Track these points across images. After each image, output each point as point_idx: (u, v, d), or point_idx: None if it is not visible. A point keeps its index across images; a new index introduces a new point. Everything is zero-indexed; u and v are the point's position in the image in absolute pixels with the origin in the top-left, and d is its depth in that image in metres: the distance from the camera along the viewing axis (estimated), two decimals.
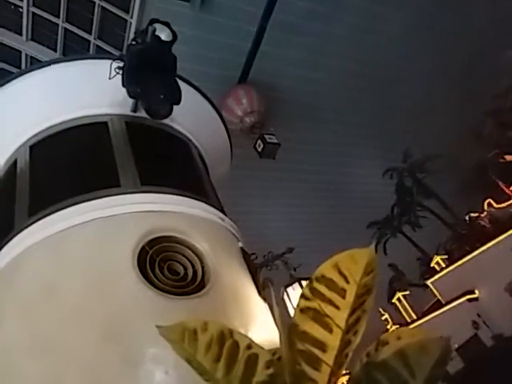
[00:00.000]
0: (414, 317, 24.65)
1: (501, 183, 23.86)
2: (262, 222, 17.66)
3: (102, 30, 11.90)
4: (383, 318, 26.70)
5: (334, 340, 1.12)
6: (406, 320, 25.14)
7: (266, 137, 12.17)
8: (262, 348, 1.20)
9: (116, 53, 11.88)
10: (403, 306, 25.86)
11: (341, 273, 1.12)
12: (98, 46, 12.24)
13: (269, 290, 3.61)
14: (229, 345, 1.19)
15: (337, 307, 1.12)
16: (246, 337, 1.24)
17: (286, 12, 12.33)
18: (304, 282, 4.85)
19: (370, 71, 15.59)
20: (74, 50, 12.13)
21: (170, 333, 1.30)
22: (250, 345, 1.18)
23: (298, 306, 1.16)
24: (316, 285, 1.13)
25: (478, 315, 20.79)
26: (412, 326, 23.91)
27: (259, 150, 12.24)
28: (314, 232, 20.36)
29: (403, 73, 16.41)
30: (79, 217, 3.07)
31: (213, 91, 6.57)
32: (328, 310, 1.11)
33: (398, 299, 26.06)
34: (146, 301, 2.70)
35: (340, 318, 1.12)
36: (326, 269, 1.14)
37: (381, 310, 26.64)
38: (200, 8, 11.68)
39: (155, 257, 2.90)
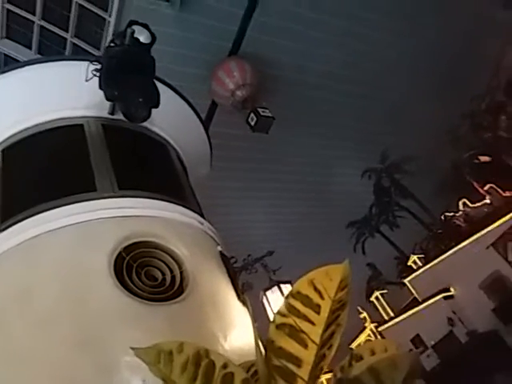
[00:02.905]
0: (392, 314, 25.07)
1: (475, 183, 24.49)
2: (241, 224, 17.67)
3: (80, 29, 11.67)
4: (361, 316, 27.07)
5: (309, 355, 1.15)
6: (383, 318, 25.55)
7: (260, 110, 11.38)
8: (237, 367, 1.21)
9: (93, 52, 11.68)
10: (381, 304, 26.28)
11: (316, 289, 1.15)
12: (74, 44, 12.00)
13: (248, 294, 3.61)
14: (205, 364, 1.19)
15: (312, 323, 1.15)
16: (223, 356, 1.25)
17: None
18: (283, 286, 4.88)
19: (351, 74, 15.79)
20: (50, 48, 11.87)
21: (146, 354, 1.29)
22: (226, 364, 1.19)
23: (273, 322, 1.19)
24: (292, 301, 1.16)
25: (454, 312, 21.29)
26: (389, 323, 24.33)
27: (252, 123, 11.45)
28: (293, 234, 20.49)
29: (382, 76, 16.66)
30: (54, 222, 3.01)
31: (192, 91, 6.54)
32: (303, 325, 1.13)
33: (376, 297, 26.47)
34: (123, 307, 2.66)
35: (315, 333, 1.15)
36: (301, 285, 1.16)
37: (359, 308, 27.00)
38: (180, 8, 11.59)
39: (132, 262, 2.86)
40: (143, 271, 2.88)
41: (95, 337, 2.51)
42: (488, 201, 22.68)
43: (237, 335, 2.87)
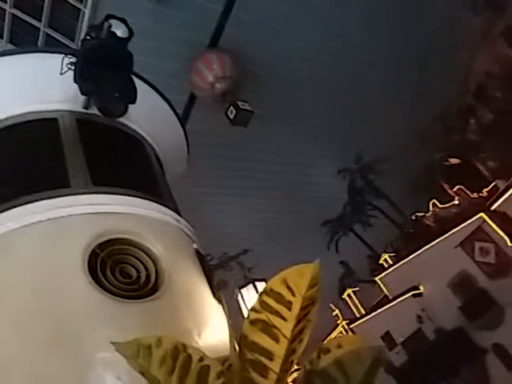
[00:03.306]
0: (363, 312, 25.55)
1: (445, 185, 25.23)
2: (217, 221, 17.61)
3: (53, 19, 11.35)
4: (334, 313, 27.51)
5: (280, 349, 1.22)
6: (355, 315, 26.02)
7: (239, 103, 11.30)
8: (213, 360, 1.26)
9: (67, 43, 11.39)
10: (353, 301, 26.76)
11: (288, 287, 1.21)
12: (48, 34, 11.67)
13: (223, 291, 3.63)
14: (182, 358, 1.24)
15: (284, 319, 1.21)
16: (199, 350, 1.30)
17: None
18: (258, 284, 4.92)
19: (328, 73, 15.97)
20: (23, 37, 11.50)
21: (125, 349, 1.32)
22: (202, 357, 1.25)
23: (247, 318, 1.24)
24: (265, 298, 1.22)
25: (422, 310, 21.87)
26: (360, 321, 24.81)
27: (231, 117, 11.35)
28: (269, 232, 20.59)
29: (358, 77, 16.94)
30: (26, 218, 2.94)
31: (168, 86, 6.48)
32: (276, 321, 1.20)
33: (348, 295, 26.93)
34: (97, 305, 2.64)
35: (286, 328, 1.22)
36: (274, 283, 1.23)
37: (332, 305, 27.41)
38: (158, 1, 11.44)
39: (107, 259, 2.83)
40: (118, 268, 2.86)
41: (69, 335, 2.48)
42: (457, 202, 23.42)
43: (212, 332, 2.88)
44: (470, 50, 22.89)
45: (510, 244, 18.85)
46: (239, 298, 4.95)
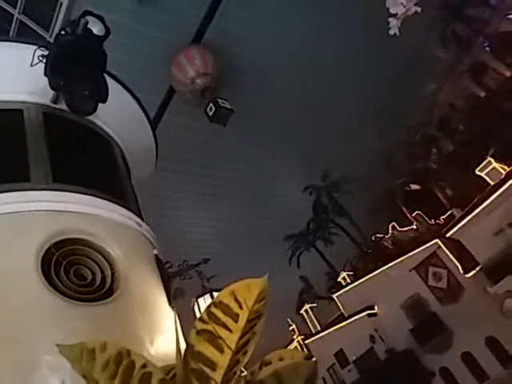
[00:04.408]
0: (319, 328, 25.78)
1: (404, 209, 26.09)
2: (179, 228, 17.45)
3: (29, 6, 11.04)
4: (290, 328, 27.61)
5: (223, 360, 1.24)
6: (310, 331, 26.20)
7: (219, 101, 11.25)
8: (156, 367, 1.28)
9: (41, 32, 11.09)
10: (310, 317, 26.96)
11: (236, 299, 1.26)
12: (21, 21, 11.33)
13: (180, 300, 3.60)
14: (125, 364, 1.25)
15: (230, 330, 1.25)
16: (143, 357, 1.31)
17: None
18: (216, 294, 4.88)
19: (301, 89, 16.30)
20: None
21: (69, 351, 1.31)
22: (146, 364, 1.27)
23: (195, 328, 1.27)
24: (213, 309, 1.26)
25: (375, 330, 22.29)
26: (315, 337, 25.01)
27: (210, 114, 11.28)
28: (231, 242, 20.58)
29: (330, 98, 17.39)
30: None
31: (142, 87, 6.43)
32: (221, 332, 1.24)
33: (306, 310, 27.12)
34: (47, 305, 2.56)
35: (231, 340, 1.25)
36: (223, 295, 1.27)
37: (289, 320, 27.52)
38: (139, 1, 11.38)
39: (61, 259, 2.75)
40: (72, 269, 2.78)
41: (17, 334, 2.39)
42: (415, 226, 24.24)
43: (163, 341, 2.85)
44: (436, 83, 24.04)
45: (461, 271, 19.61)
46: (195, 307, 4.90)
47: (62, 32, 3.16)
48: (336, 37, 15.34)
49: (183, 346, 1.34)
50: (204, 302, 4.74)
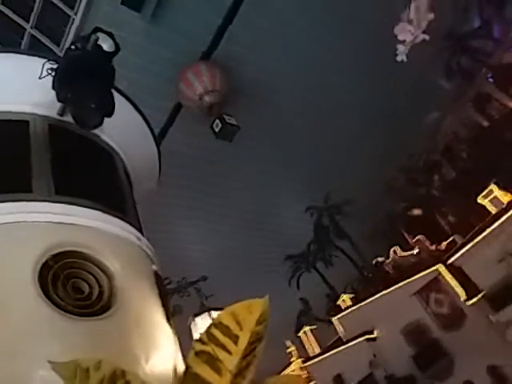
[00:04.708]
0: (318, 351, 25.35)
1: (406, 234, 25.94)
2: (180, 244, 17.37)
3: (42, 21, 11.28)
4: (288, 350, 27.13)
5: (222, 383, 1.16)
6: (308, 354, 25.76)
7: (226, 117, 11.30)
8: None
9: (52, 47, 11.29)
10: (308, 339, 26.54)
11: (237, 321, 1.20)
12: (33, 35, 11.55)
13: (177, 317, 3.54)
14: None
15: (229, 352, 1.20)
16: (139, 377, 1.25)
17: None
18: (214, 313, 4.78)
19: (308, 110, 16.45)
20: (6, 35, 11.33)
21: (62, 369, 1.26)
22: None
23: (193, 349, 1.22)
24: (213, 330, 1.21)
25: (374, 355, 21.90)
26: (313, 360, 24.56)
27: (216, 130, 11.31)
28: (231, 261, 20.44)
29: (334, 123, 17.54)
30: None
31: (148, 104, 6.49)
32: (221, 354, 1.19)
33: (305, 333, 26.71)
34: (44, 319, 2.51)
35: (231, 362, 1.21)
36: (223, 316, 1.22)
37: (288, 342, 27.06)
38: (150, 20, 11.59)
39: (59, 272, 2.72)
40: (70, 283, 2.75)
41: (11, 348, 2.34)
42: (416, 251, 24.05)
43: (160, 359, 2.78)
44: (440, 111, 24.27)
45: (463, 298, 19.36)
46: (193, 325, 4.82)
47: (72, 47, 3.21)
48: (341, 61, 15.56)
49: (181, 366, 1.29)
50: (201, 320, 4.66)
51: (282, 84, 15.05)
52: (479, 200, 19.96)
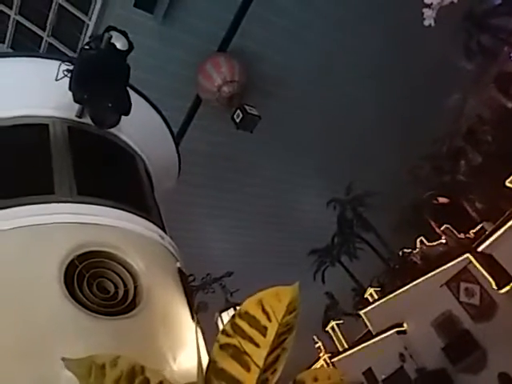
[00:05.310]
0: (346, 346, 25.12)
1: (433, 223, 25.36)
2: (203, 242, 17.44)
3: (57, 28, 11.45)
4: (316, 345, 26.98)
5: (250, 379, 1.10)
6: (337, 349, 25.55)
7: (247, 107, 11.18)
8: None
9: (69, 53, 11.47)
10: (336, 334, 26.30)
11: (264, 310, 1.11)
12: (50, 43, 11.75)
13: (203, 314, 3.52)
14: (139, 381, 1.11)
15: (257, 345, 1.10)
16: (160, 373, 1.17)
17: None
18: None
19: (327, 103, 16.24)
20: (24, 44, 11.57)
21: (76, 366, 1.20)
22: (162, 382, 1.12)
23: (218, 341, 1.13)
24: (238, 321, 1.11)
25: (405, 348, 21.54)
26: (343, 355, 24.35)
27: (237, 120, 11.20)
28: (255, 256, 20.43)
29: (355, 113, 17.26)
30: (6, 222, 2.84)
31: (165, 104, 6.49)
32: (248, 347, 1.09)
33: (332, 328, 26.47)
34: (69, 319, 2.52)
35: (259, 356, 1.10)
36: (249, 305, 1.12)
37: (315, 337, 26.91)
38: (162, 21, 11.64)
39: (85, 272, 2.73)
40: (95, 282, 2.76)
41: (38, 348, 2.35)
42: (444, 241, 23.49)
43: (186, 356, 2.76)
44: (462, 94, 23.57)
45: (495, 287, 18.82)
46: (219, 321, 4.80)
47: (86, 47, 3.20)
48: (359, 47, 15.28)
49: (206, 362, 1.22)
50: (228, 316, 4.61)
51: (296, 78, 14.90)
52: (508, 184, 19.33)
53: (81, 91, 3.08)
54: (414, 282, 21.53)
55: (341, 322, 26.45)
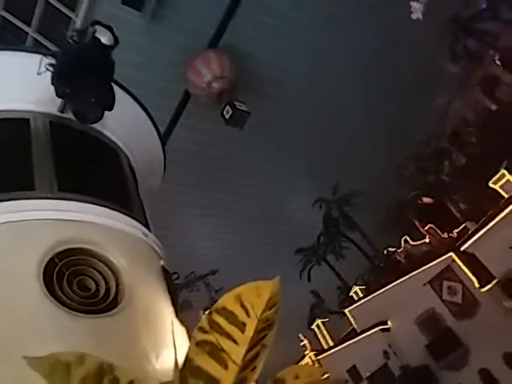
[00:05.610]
0: (331, 343, 25.26)
1: (417, 223, 25.64)
2: (189, 240, 17.34)
3: (43, 24, 11.24)
4: (302, 343, 27.07)
5: (228, 377, 1.05)
6: (322, 347, 25.69)
7: (236, 103, 11.11)
8: None
9: (54, 49, 11.28)
10: (321, 332, 26.43)
11: (243, 305, 1.06)
12: (35, 39, 11.52)
13: (187, 312, 3.49)
14: (107, 381, 1.06)
15: (235, 342, 1.06)
16: (130, 372, 1.12)
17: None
18: None
19: (314, 104, 16.28)
20: (9, 40, 11.32)
21: (39, 365, 1.14)
22: (133, 382, 1.07)
23: (194, 338, 1.09)
24: (215, 317, 1.06)
25: (389, 345, 21.75)
26: (327, 353, 24.49)
27: (226, 116, 11.13)
28: (240, 255, 20.38)
29: (341, 113, 17.35)
30: None
31: (151, 102, 6.43)
32: (225, 344, 1.04)
33: (317, 325, 26.61)
34: (48, 317, 2.47)
35: (237, 353, 1.06)
36: (227, 300, 1.07)
37: (300, 335, 27.00)
38: (150, 19, 11.53)
39: (64, 270, 2.67)
40: (76, 280, 2.70)
41: (15, 346, 2.29)
42: (427, 240, 23.77)
43: (170, 356, 2.73)
44: (447, 96, 23.87)
45: (477, 285, 19.13)
46: None
47: (70, 40, 3.15)
48: (352, 48, 15.35)
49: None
50: None
51: (286, 78, 14.91)
52: (491, 185, 19.63)
53: (63, 85, 3.02)
54: (398, 281, 21.75)
55: (326, 319, 26.60)
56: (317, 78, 15.44)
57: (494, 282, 18.74)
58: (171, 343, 2.91)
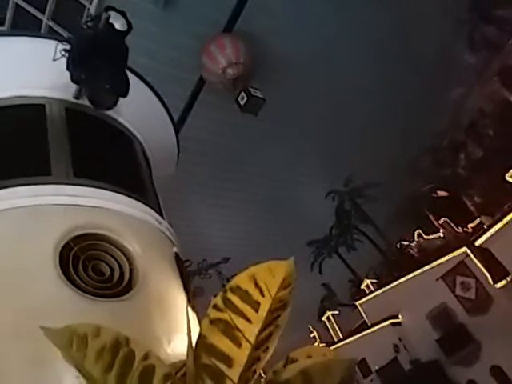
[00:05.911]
0: (341, 336, 25.30)
1: (431, 216, 25.34)
2: (201, 228, 17.44)
3: (57, 12, 11.31)
4: (311, 335, 27.18)
5: (241, 355, 1.06)
6: (332, 339, 25.74)
7: (251, 90, 10.94)
8: (160, 360, 1.10)
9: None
10: (331, 324, 26.48)
11: (257, 285, 1.06)
12: (50, 26, 11.61)
13: (199, 299, 3.51)
14: (123, 354, 1.06)
15: (249, 320, 1.06)
16: (145, 347, 1.12)
17: None
18: None
19: (328, 93, 16.12)
20: (24, 27, 11.42)
21: (57, 337, 1.15)
22: (148, 355, 1.07)
23: (208, 316, 1.09)
24: (230, 295, 1.07)
25: (400, 339, 21.68)
26: (337, 345, 24.54)
27: (242, 103, 10.97)
28: (252, 244, 20.43)
29: (355, 104, 17.14)
30: (1, 203, 2.81)
31: (164, 90, 6.43)
32: (239, 322, 1.04)
33: (328, 318, 26.65)
34: (64, 300, 2.51)
35: (250, 332, 1.06)
36: (242, 280, 1.07)
37: (310, 327, 27.09)
38: (163, 6, 11.51)
39: (80, 254, 2.71)
40: (91, 264, 2.74)
41: (31, 328, 2.33)
42: (441, 234, 23.51)
43: (182, 340, 2.75)
44: (464, 87, 23.39)
45: (491, 281, 18.89)
46: None
47: (85, 26, 3.15)
48: (365, 35, 15.11)
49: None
50: None
51: (298, 66, 14.76)
52: (507, 178, 19.27)
53: (78, 71, 3.03)
54: (411, 275, 21.60)
55: (336, 312, 26.61)
56: (332, 65, 15.27)
57: (508, 278, 18.48)
58: (183, 328, 2.94)
